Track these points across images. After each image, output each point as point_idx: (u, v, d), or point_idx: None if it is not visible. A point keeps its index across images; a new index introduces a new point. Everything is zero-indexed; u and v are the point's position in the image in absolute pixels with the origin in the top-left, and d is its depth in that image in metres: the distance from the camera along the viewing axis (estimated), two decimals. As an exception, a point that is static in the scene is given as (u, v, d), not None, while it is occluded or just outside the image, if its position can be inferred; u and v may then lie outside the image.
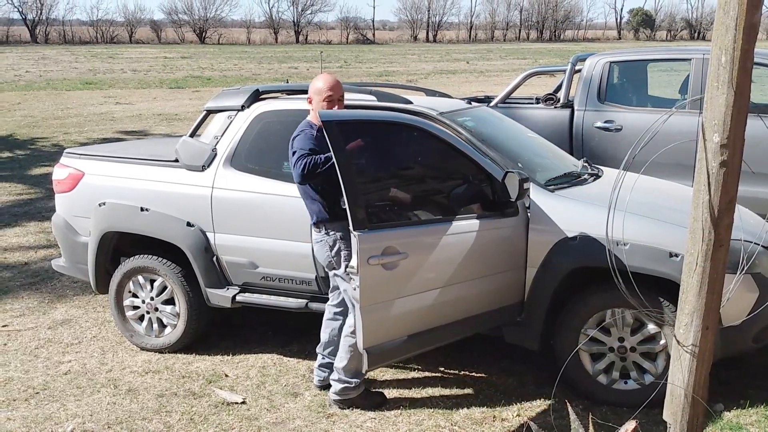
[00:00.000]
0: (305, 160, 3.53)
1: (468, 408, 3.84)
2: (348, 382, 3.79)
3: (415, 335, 3.61)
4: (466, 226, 3.68)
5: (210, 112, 4.71)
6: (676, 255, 3.51)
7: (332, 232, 3.68)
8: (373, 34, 74.49)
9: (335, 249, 3.68)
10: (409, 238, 3.53)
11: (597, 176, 4.43)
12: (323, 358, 3.98)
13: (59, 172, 4.91)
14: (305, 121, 3.80)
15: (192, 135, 4.72)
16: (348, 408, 3.80)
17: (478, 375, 4.22)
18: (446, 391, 4.03)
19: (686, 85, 6.39)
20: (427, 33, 76.43)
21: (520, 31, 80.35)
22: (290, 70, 30.98)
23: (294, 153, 3.61)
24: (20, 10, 64.88)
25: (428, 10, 78.08)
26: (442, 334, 3.73)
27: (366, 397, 3.84)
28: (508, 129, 4.80)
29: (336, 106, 3.72)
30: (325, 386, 3.97)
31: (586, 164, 4.65)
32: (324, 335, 3.97)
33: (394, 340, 3.54)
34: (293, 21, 73.82)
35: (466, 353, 4.43)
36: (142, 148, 5.37)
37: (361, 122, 3.70)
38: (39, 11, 64.93)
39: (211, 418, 3.78)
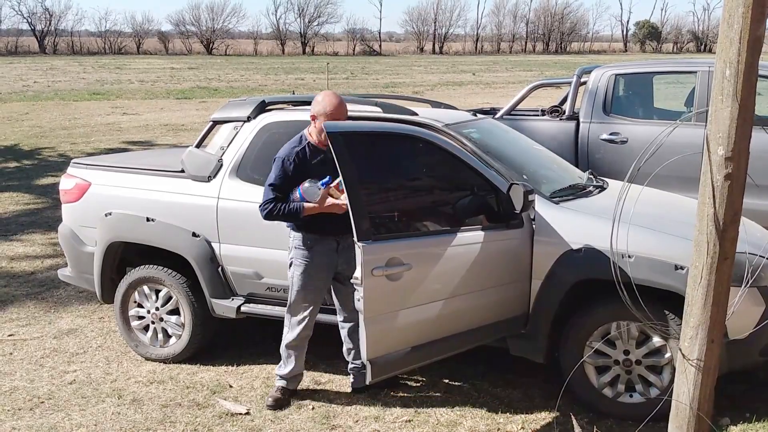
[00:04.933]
0: (269, 206, 3.78)
1: (472, 420, 3.83)
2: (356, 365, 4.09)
3: (419, 347, 3.61)
4: (470, 238, 3.68)
5: (216, 122, 4.74)
6: (682, 267, 3.50)
7: (291, 239, 3.94)
8: (380, 46, 74.82)
9: (290, 254, 3.96)
10: (413, 250, 3.54)
11: (602, 188, 4.43)
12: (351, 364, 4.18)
13: (66, 182, 4.94)
14: (300, 134, 3.92)
15: (198, 146, 4.75)
16: (363, 391, 4.07)
17: (483, 387, 4.20)
18: (450, 403, 4.01)
19: (692, 98, 6.40)
20: (434, 45, 76.73)
21: (526, 43, 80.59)
22: (297, 81, 31.12)
23: (268, 179, 3.83)
24: (29, 20, 65.62)
25: (434, 22, 78.47)
26: (447, 345, 3.73)
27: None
28: (514, 141, 4.81)
29: None
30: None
31: (591, 176, 4.65)
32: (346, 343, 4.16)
33: (398, 351, 3.54)
34: (300, 32, 74.30)
35: (470, 365, 4.41)
36: (148, 159, 5.40)
37: (366, 134, 3.71)
38: (48, 22, 65.59)
39: (215, 429, 3.78)
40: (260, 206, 3.81)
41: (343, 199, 3.56)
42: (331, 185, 3.73)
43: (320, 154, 3.82)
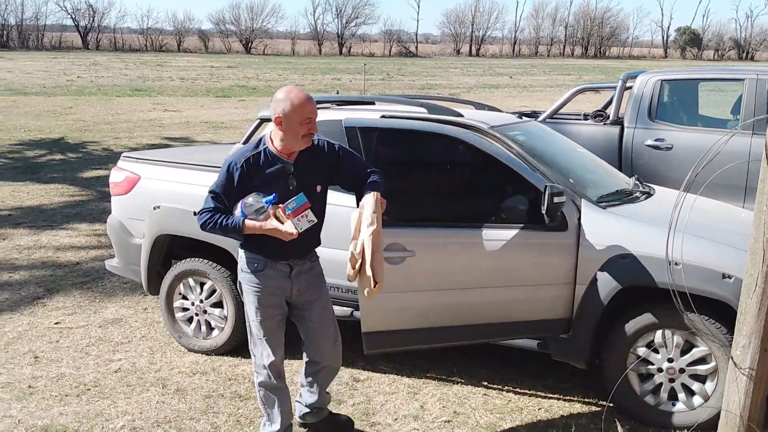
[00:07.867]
0: (205, 216, 3.18)
1: (512, 423, 3.82)
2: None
3: (417, 330, 3.85)
4: (489, 235, 3.83)
5: (263, 120, 4.80)
6: (729, 276, 3.46)
7: (239, 260, 3.40)
8: (416, 47, 74.88)
9: (239, 277, 3.44)
10: (417, 238, 3.78)
11: (649, 194, 4.39)
12: None
13: (116, 175, 5.04)
14: (260, 137, 3.32)
15: (245, 143, 4.81)
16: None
17: (522, 391, 4.19)
18: (489, 406, 4.01)
19: (739, 106, 6.29)
20: (470, 47, 76.55)
21: (564, 46, 79.94)
22: (333, 81, 31.28)
23: (211, 184, 3.25)
24: (73, 17, 67.22)
25: (472, 24, 78.30)
26: (458, 334, 3.91)
27: None
28: (559, 144, 4.79)
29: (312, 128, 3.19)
30: None
31: (638, 182, 4.61)
32: None
33: (396, 330, 3.81)
34: (337, 33, 74.79)
35: (509, 368, 4.41)
36: (196, 154, 5.49)
37: (388, 130, 4.07)
38: (91, 19, 67.10)
39: (256, 420, 3.83)
40: (197, 213, 3.23)
41: (288, 226, 3.06)
42: (279, 206, 3.09)
43: (278, 164, 3.20)
